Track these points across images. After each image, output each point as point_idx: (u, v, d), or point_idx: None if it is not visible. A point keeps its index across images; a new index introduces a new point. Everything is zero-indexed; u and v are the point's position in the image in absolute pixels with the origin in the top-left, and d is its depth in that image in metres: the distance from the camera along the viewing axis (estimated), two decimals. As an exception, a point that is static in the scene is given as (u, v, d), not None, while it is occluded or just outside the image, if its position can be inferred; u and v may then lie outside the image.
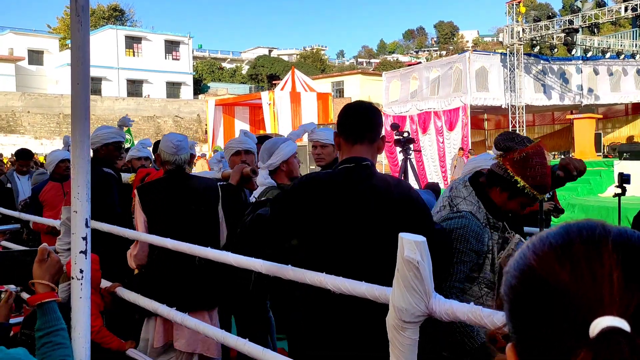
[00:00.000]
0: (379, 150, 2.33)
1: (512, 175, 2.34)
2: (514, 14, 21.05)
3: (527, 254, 0.70)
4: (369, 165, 2.21)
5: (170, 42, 49.77)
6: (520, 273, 0.69)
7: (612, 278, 0.62)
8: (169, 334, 3.41)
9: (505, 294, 0.71)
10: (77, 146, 1.67)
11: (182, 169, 3.51)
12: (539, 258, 0.68)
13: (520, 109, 20.31)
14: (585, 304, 0.62)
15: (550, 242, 0.69)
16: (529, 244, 0.72)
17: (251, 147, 4.03)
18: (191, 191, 3.46)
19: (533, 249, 0.70)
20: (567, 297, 0.63)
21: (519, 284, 0.69)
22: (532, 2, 70.33)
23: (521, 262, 0.70)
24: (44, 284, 1.81)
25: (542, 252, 0.68)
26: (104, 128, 4.57)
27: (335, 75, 45.98)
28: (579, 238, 0.67)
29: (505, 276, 0.72)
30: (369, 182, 2.18)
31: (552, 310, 0.64)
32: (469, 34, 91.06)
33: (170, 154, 3.46)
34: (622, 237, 0.66)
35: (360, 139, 2.25)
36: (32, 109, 35.42)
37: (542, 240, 0.71)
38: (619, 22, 21.94)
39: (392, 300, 1.71)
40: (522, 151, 2.34)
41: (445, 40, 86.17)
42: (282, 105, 24.62)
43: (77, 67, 1.61)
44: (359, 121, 2.29)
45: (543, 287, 0.65)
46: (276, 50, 75.09)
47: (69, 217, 4.02)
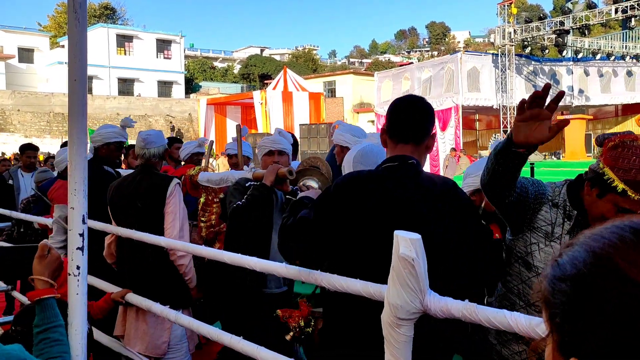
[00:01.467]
0: (428, 149, 2.19)
1: (602, 166, 1.97)
2: (505, 15, 21.16)
3: (608, 255, 0.63)
4: (414, 164, 2.09)
5: (162, 40, 49.62)
6: (596, 269, 0.63)
7: None
8: (122, 327, 3.58)
9: (568, 284, 0.65)
10: (74, 143, 1.67)
11: (151, 164, 3.67)
12: (627, 260, 0.62)
13: (512, 109, 20.43)
14: None
15: (632, 242, 0.63)
16: (600, 245, 0.65)
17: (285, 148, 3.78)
18: (141, 188, 3.56)
19: (614, 246, 0.63)
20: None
21: (591, 276, 0.63)
22: (523, 3, 70.69)
23: (598, 256, 0.64)
24: (43, 280, 1.81)
25: (628, 253, 0.62)
26: (107, 127, 4.64)
27: (327, 75, 45.98)
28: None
29: (564, 283, 0.66)
30: (415, 180, 2.07)
31: (633, 306, 0.59)
32: (461, 34, 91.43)
33: (140, 147, 3.66)
34: None
35: (405, 138, 2.13)
36: (22, 107, 35.22)
37: (619, 238, 0.64)
38: (609, 24, 22.12)
39: (387, 297, 1.73)
40: (619, 137, 1.99)
41: (437, 41, 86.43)
42: (274, 104, 24.62)
43: (75, 64, 1.60)
44: (404, 119, 2.15)
45: (624, 281, 0.60)
46: (268, 50, 75.07)
47: (61, 215, 4.04)
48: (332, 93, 39.43)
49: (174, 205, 3.51)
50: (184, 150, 5.57)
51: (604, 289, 0.61)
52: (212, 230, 4.20)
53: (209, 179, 4.11)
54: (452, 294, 1.76)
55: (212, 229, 4.20)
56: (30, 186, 6.71)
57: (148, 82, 47.53)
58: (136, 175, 3.66)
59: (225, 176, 4.04)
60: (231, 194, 3.40)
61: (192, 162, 5.46)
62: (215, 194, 4.29)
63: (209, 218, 4.24)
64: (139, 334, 3.45)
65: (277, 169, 3.32)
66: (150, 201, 3.50)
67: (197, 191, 4.38)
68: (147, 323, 3.43)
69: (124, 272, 3.62)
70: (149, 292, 3.31)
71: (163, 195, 3.49)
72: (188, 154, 5.48)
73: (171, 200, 3.51)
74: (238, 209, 3.20)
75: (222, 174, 4.15)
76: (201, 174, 4.18)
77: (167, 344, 3.45)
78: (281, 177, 3.32)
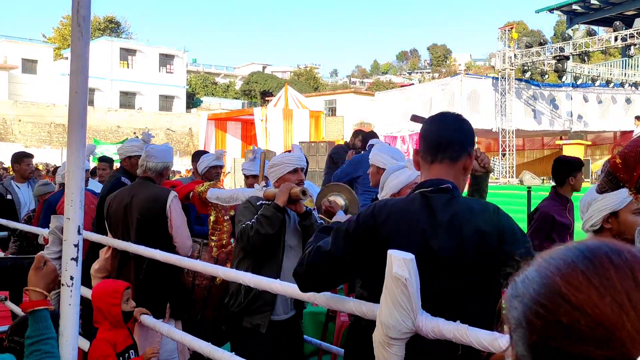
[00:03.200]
0: (466, 170, 1.95)
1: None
2: (506, 39, 21.34)
3: (553, 279, 0.64)
4: (449, 189, 1.86)
5: (165, 55, 49.88)
6: (545, 299, 0.63)
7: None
8: None
9: (523, 320, 0.66)
10: (72, 154, 1.68)
11: (148, 177, 3.74)
12: (571, 285, 0.62)
13: (511, 133, 20.52)
14: (627, 337, 0.57)
15: (579, 267, 0.64)
16: (549, 267, 0.66)
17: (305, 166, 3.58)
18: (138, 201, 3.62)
19: (559, 274, 0.64)
20: (605, 329, 0.58)
21: (545, 312, 0.63)
22: (524, 28, 71.29)
23: (545, 287, 0.64)
24: (37, 291, 1.81)
25: (573, 278, 0.63)
26: (131, 141, 4.80)
27: (328, 93, 46.19)
28: (611, 264, 0.63)
29: (518, 300, 0.67)
30: (450, 209, 1.83)
31: (588, 342, 0.59)
32: (462, 57, 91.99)
33: (142, 158, 3.79)
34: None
35: (437, 157, 1.91)
36: (24, 117, 35.31)
37: (567, 264, 0.65)
38: (609, 52, 22.28)
39: (380, 317, 1.73)
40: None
41: (438, 63, 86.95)
42: (274, 121, 24.67)
43: (76, 76, 1.63)
44: (436, 136, 1.94)
45: (578, 316, 0.60)
46: (270, 67, 75.42)
47: (57, 226, 4.03)
48: (332, 112, 39.56)
49: (177, 218, 3.61)
50: (201, 163, 5.16)
51: (548, 311, 0.62)
52: (223, 250, 4.03)
53: (218, 196, 3.98)
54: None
55: (224, 248, 4.05)
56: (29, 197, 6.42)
57: (149, 96, 47.68)
58: (132, 187, 3.70)
59: (235, 194, 3.93)
60: (241, 213, 3.28)
61: (210, 175, 5.08)
62: (225, 211, 4.14)
63: (220, 237, 4.07)
64: None
65: (289, 188, 3.17)
66: (149, 214, 3.55)
67: (206, 208, 4.20)
68: (138, 335, 3.43)
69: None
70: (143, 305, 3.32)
71: (163, 208, 3.55)
72: (206, 167, 5.09)
73: (173, 215, 3.59)
74: (247, 229, 3.08)
75: (232, 191, 4.04)
76: (210, 191, 4.03)
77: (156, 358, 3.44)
78: (294, 197, 3.16)
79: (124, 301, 2.89)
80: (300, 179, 3.41)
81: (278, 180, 3.39)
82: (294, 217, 3.36)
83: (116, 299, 2.86)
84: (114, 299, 2.86)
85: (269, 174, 3.48)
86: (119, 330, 2.89)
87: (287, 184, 3.24)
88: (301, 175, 3.45)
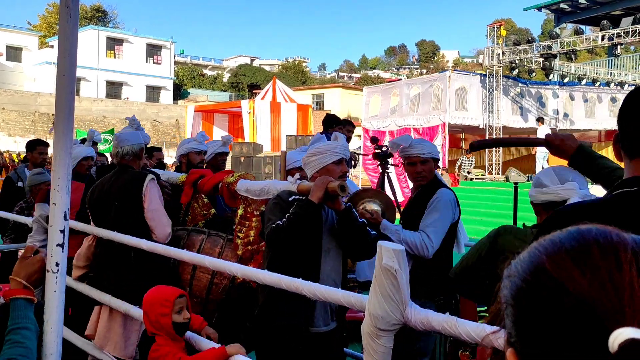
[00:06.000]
0: None
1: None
2: (495, 36, 21.42)
3: (540, 257, 0.67)
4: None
5: (152, 45, 49.52)
6: (531, 277, 0.66)
7: (633, 287, 0.60)
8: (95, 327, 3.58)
9: (510, 297, 0.68)
10: (59, 139, 1.66)
11: (126, 162, 3.65)
12: (555, 262, 0.65)
13: (498, 129, 20.62)
14: (605, 313, 0.59)
15: (565, 247, 0.66)
16: (538, 247, 0.69)
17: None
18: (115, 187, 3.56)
19: (546, 253, 0.67)
20: (585, 305, 0.60)
21: (529, 288, 0.66)
22: (512, 26, 71.67)
23: (532, 265, 0.67)
24: (17, 280, 1.79)
25: (558, 256, 0.65)
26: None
27: (316, 87, 46.15)
28: (596, 244, 0.65)
29: (509, 280, 0.69)
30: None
31: (568, 317, 0.61)
32: (450, 54, 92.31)
33: (114, 146, 3.67)
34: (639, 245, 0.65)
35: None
36: (7, 105, 34.88)
37: (554, 243, 0.68)
38: (596, 51, 22.47)
39: (369, 308, 1.72)
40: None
41: (426, 59, 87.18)
42: (261, 114, 24.65)
43: (64, 58, 1.60)
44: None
45: (559, 292, 0.62)
46: (258, 60, 75.16)
47: (41, 215, 3.98)
48: (320, 106, 39.55)
49: (152, 202, 3.48)
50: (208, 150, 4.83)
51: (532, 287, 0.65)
52: (248, 249, 3.64)
53: (248, 189, 3.67)
54: None
55: (250, 246, 3.64)
56: None
57: (136, 87, 47.33)
58: (112, 175, 3.68)
59: (266, 186, 3.58)
60: (270, 210, 2.91)
61: (217, 163, 4.76)
62: (255, 206, 3.73)
63: (247, 234, 3.67)
64: (110, 334, 3.46)
65: (326, 183, 2.76)
66: (126, 199, 3.48)
67: (235, 201, 3.85)
68: (119, 323, 3.42)
69: (102, 274, 3.58)
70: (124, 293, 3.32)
71: (139, 192, 3.46)
72: (211, 154, 4.77)
73: (147, 197, 3.47)
74: (278, 230, 2.72)
75: (263, 183, 3.70)
76: (240, 182, 3.73)
77: (134, 347, 3.45)
78: (331, 192, 2.76)
79: (176, 311, 2.57)
80: (344, 172, 3.02)
81: (319, 171, 2.98)
82: (332, 215, 2.97)
83: (166, 307, 2.55)
84: (164, 308, 2.55)
85: (307, 164, 3.06)
86: (176, 343, 2.58)
87: (323, 177, 2.82)
88: (346, 167, 3.05)
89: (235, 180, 3.75)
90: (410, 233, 3.36)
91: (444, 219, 3.39)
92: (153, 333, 2.60)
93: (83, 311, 3.71)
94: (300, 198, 2.85)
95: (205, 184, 3.99)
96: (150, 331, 2.61)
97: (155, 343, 2.59)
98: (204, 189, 4.02)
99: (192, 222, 4.06)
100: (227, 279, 3.47)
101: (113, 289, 3.37)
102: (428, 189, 3.50)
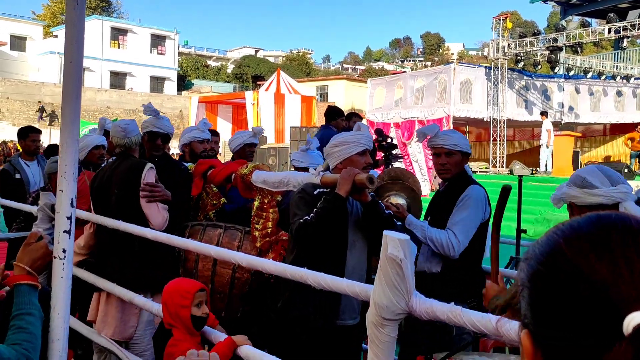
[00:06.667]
0: None
1: None
2: (500, 29, 21.31)
3: (557, 241, 0.68)
4: None
5: (157, 36, 49.43)
6: (548, 259, 0.67)
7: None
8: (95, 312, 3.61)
9: (526, 280, 0.69)
10: (66, 125, 1.66)
11: (131, 150, 3.69)
12: (572, 246, 0.66)
13: (502, 122, 20.55)
14: (620, 297, 0.60)
15: (583, 231, 0.67)
16: (556, 231, 0.70)
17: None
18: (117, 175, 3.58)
19: (563, 236, 0.68)
20: (601, 289, 0.61)
21: (546, 270, 0.67)
22: (517, 19, 71.29)
23: (549, 248, 0.68)
24: (20, 266, 1.80)
25: (576, 240, 0.66)
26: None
27: (320, 79, 46.06)
28: (614, 229, 0.65)
29: (526, 262, 0.71)
30: None
31: (583, 300, 0.62)
32: (455, 46, 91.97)
33: (120, 137, 3.64)
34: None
35: None
36: (12, 95, 34.90)
37: (573, 227, 0.68)
38: (602, 44, 22.37)
39: (374, 297, 1.73)
40: None
41: (431, 51, 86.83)
42: (265, 105, 24.63)
43: (71, 44, 1.59)
44: None
45: (575, 276, 0.63)
46: (262, 51, 74.98)
47: (46, 203, 4.00)
48: (324, 97, 39.48)
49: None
50: (234, 141, 4.64)
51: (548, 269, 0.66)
52: (267, 241, 3.56)
53: (265, 180, 3.56)
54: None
55: (268, 238, 3.56)
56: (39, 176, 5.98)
57: (140, 77, 47.30)
58: (113, 162, 3.71)
59: (285, 178, 3.46)
60: (296, 204, 2.85)
61: (245, 154, 4.58)
62: (271, 197, 3.65)
63: (265, 225, 3.58)
64: (108, 318, 3.49)
65: (353, 175, 2.69)
66: (126, 187, 3.50)
67: (250, 192, 3.75)
68: (116, 307, 3.46)
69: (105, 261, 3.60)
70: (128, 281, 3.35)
71: (138, 179, 3.47)
72: (240, 144, 4.57)
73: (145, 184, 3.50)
74: (307, 226, 2.67)
75: (282, 174, 3.59)
76: (256, 173, 3.62)
77: (134, 329, 3.49)
78: (359, 185, 2.69)
79: (195, 304, 2.53)
80: (369, 163, 2.95)
81: (343, 162, 2.91)
82: (357, 207, 2.92)
83: (186, 299, 2.50)
84: (184, 300, 2.51)
85: (330, 155, 2.98)
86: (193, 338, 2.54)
87: (349, 169, 2.75)
88: (369, 158, 2.98)
89: (250, 171, 3.66)
90: (436, 231, 3.20)
91: (473, 218, 3.22)
92: (170, 325, 2.56)
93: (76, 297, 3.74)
94: (325, 191, 2.77)
95: (216, 175, 3.87)
96: (167, 322, 2.58)
97: (172, 337, 2.54)
98: (215, 180, 3.89)
99: (202, 212, 3.95)
100: (248, 272, 3.38)
101: (117, 277, 3.39)
102: (457, 185, 3.33)
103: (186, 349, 2.40)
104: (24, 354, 1.55)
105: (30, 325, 1.65)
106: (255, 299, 3.49)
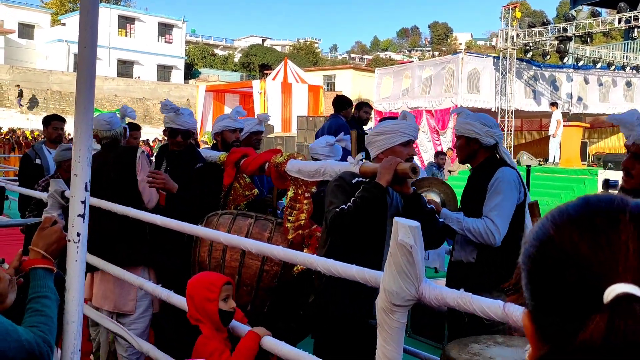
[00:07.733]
0: None
1: None
2: (509, 18, 21.16)
3: (547, 225, 0.72)
4: None
5: (164, 24, 49.41)
6: (539, 243, 0.72)
7: (627, 247, 0.64)
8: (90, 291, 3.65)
9: (523, 262, 0.74)
10: (80, 111, 1.67)
11: (117, 141, 3.90)
12: (558, 228, 0.70)
13: (510, 113, 20.47)
14: (601, 271, 0.64)
15: (569, 214, 0.71)
16: (548, 216, 0.74)
17: None
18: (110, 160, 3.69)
19: (552, 220, 0.72)
20: (584, 265, 0.65)
21: (537, 253, 0.71)
22: (526, 8, 70.73)
23: (540, 232, 0.72)
24: (35, 250, 1.82)
25: (562, 223, 0.71)
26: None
27: (327, 68, 45.95)
28: (597, 209, 0.70)
29: (524, 246, 0.75)
30: None
31: (569, 277, 0.66)
32: (463, 36, 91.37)
33: (106, 130, 3.84)
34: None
35: None
36: (20, 83, 35.01)
37: (561, 211, 0.73)
38: (611, 34, 22.17)
39: (383, 283, 1.74)
40: None
41: (438, 41, 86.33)
42: (273, 94, 24.63)
43: (85, 29, 1.60)
44: None
45: (561, 256, 0.68)
46: (269, 40, 74.84)
47: (57, 190, 4.03)
48: (331, 87, 39.38)
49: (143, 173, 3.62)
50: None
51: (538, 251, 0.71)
52: (299, 233, 3.40)
53: (300, 169, 3.41)
54: None
55: (301, 230, 3.40)
56: None
57: (148, 66, 47.34)
58: (102, 151, 3.83)
59: (322, 167, 3.32)
60: (332, 193, 2.71)
61: (251, 142, 4.54)
62: (306, 188, 3.48)
63: (298, 217, 3.41)
64: (107, 293, 3.54)
65: (396, 164, 2.56)
66: (123, 169, 3.62)
67: (284, 182, 3.61)
68: (113, 282, 3.51)
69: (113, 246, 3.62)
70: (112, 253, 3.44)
71: (133, 162, 3.61)
72: (246, 132, 4.52)
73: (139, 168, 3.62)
74: (343, 215, 2.54)
75: (318, 163, 3.44)
76: (290, 163, 3.48)
77: (135, 301, 3.53)
78: (402, 175, 2.56)
79: (222, 298, 2.45)
80: (411, 155, 2.81)
81: (385, 152, 2.79)
82: (397, 199, 2.81)
83: (213, 292, 2.41)
84: (211, 293, 2.42)
85: (372, 143, 2.85)
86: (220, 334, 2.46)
87: (391, 157, 2.62)
88: (413, 150, 2.85)
89: (285, 160, 3.53)
90: (472, 220, 3.06)
91: (509, 201, 3.05)
92: (197, 320, 2.47)
93: None
94: (364, 181, 2.66)
95: (249, 164, 3.74)
96: (194, 318, 2.49)
97: (202, 335, 2.47)
98: (248, 169, 3.77)
99: (234, 203, 3.83)
100: (278, 265, 3.26)
101: (127, 262, 3.43)
102: (484, 170, 3.17)
103: (214, 349, 2.38)
104: (41, 336, 1.58)
105: (47, 308, 1.68)
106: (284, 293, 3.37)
